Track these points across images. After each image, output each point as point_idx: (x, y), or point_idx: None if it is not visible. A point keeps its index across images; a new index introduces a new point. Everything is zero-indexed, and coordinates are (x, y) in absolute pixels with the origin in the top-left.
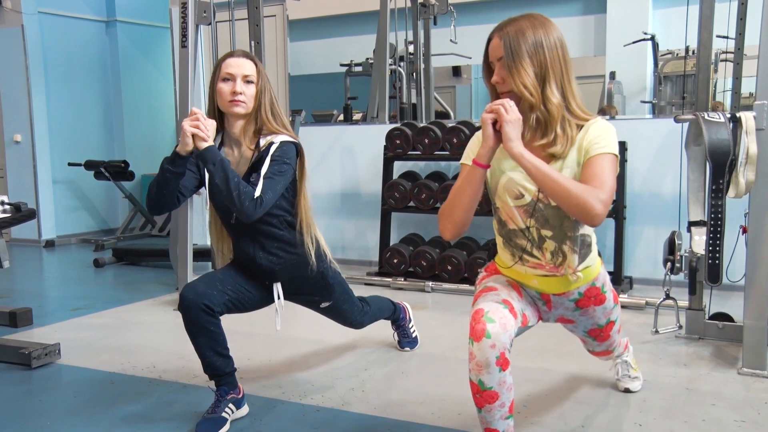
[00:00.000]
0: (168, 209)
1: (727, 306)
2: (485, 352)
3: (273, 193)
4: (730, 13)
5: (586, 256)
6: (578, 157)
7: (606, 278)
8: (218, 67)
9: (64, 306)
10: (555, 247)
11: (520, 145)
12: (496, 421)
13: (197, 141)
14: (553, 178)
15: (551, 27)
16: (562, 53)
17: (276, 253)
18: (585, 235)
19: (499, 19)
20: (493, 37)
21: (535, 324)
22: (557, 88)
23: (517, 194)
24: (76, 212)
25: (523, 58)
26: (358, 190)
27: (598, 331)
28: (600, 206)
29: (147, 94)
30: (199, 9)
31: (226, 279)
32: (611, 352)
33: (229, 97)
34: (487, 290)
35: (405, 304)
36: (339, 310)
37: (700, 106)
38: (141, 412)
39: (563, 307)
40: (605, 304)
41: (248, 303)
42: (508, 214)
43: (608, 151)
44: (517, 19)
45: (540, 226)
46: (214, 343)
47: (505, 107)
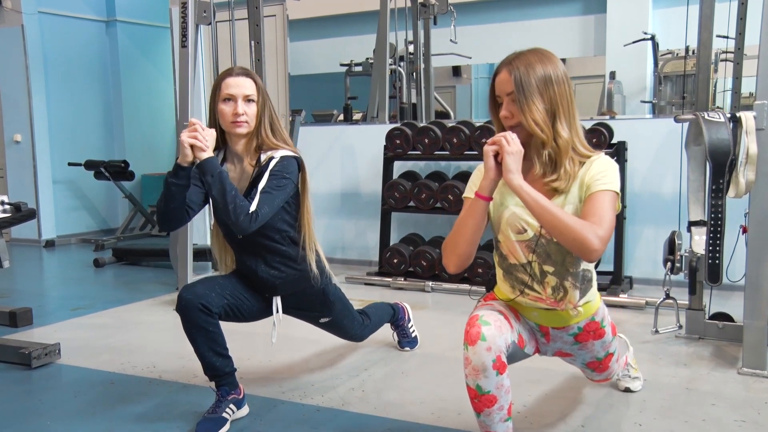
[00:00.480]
0: (178, 225)
1: (727, 306)
2: (481, 356)
3: (270, 207)
4: (730, 13)
5: (587, 291)
6: (580, 193)
7: (605, 312)
8: (218, 87)
9: (64, 306)
10: (557, 283)
11: (519, 178)
12: (495, 424)
13: (196, 151)
14: (551, 212)
15: (557, 61)
16: (568, 88)
17: (278, 267)
18: (586, 270)
19: (499, 20)
20: (501, 71)
21: (531, 353)
22: (566, 123)
23: (519, 229)
24: (76, 212)
25: (534, 93)
26: (358, 189)
27: (596, 363)
28: (597, 242)
29: (147, 94)
30: (199, 9)
31: (226, 284)
32: (610, 378)
33: (231, 119)
34: (483, 305)
35: (404, 304)
36: (339, 325)
37: (700, 106)
38: (141, 412)
39: (562, 341)
40: (604, 338)
41: (246, 312)
42: (509, 249)
43: (609, 188)
44: (525, 54)
45: (542, 261)
46: (213, 343)
47: (507, 139)
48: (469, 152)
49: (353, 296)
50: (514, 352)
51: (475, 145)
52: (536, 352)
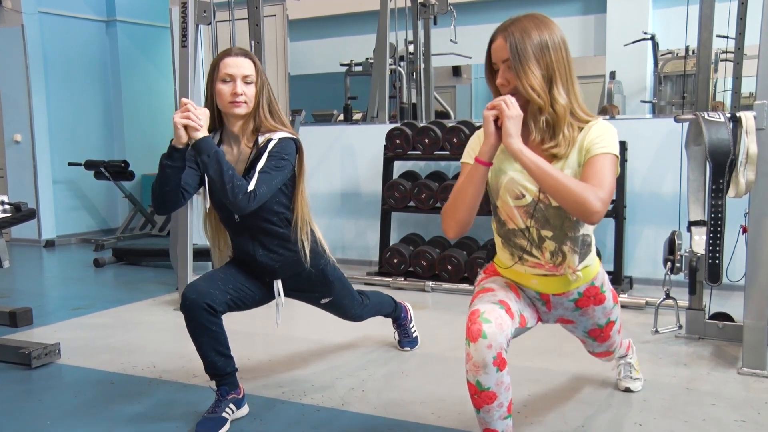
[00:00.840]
0: (173, 207)
1: (727, 306)
2: (482, 353)
3: (268, 187)
4: (730, 13)
5: (586, 256)
6: (579, 158)
7: (605, 278)
8: (216, 67)
9: (64, 306)
10: (555, 247)
11: (519, 141)
12: (494, 421)
13: (190, 131)
14: (552, 175)
15: (554, 27)
16: (566, 54)
17: (276, 250)
18: (585, 235)
19: (500, 19)
20: (497, 38)
21: (534, 325)
22: (564, 89)
23: (518, 194)
24: (76, 212)
25: (530, 59)
26: (358, 189)
27: (598, 331)
28: (598, 203)
29: (147, 94)
30: (199, 9)
31: (227, 278)
32: (612, 353)
33: (229, 98)
34: (484, 291)
35: (406, 304)
36: (339, 305)
37: (700, 105)
38: (141, 412)
39: (563, 307)
40: (605, 303)
41: (250, 301)
42: (508, 214)
43: (608, 151)
44: (520, 19)
45: (540, 226)
46: (216, 342)
47: (506, 102)
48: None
49: None
50: (515, 333)
51: None
52: (538, 321)
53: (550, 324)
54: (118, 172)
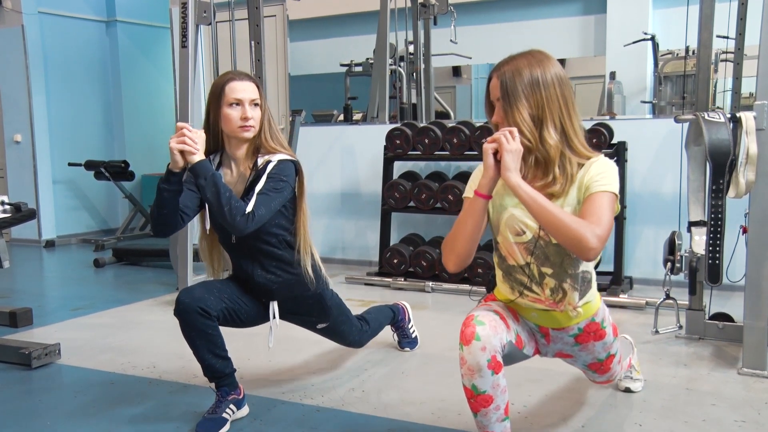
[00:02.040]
0: (173, 230)
1: (727, 306)
2: (476, 356)
3: (267, 209)
4: (730, 13)
5: (586, 292)
6: (579, 195)
7: (606, 313)
8: (222, 91)
9: (64, 306)
10: (555, 285)
11: (517, 176)
12: (492, 424)
13: (186, 156)
14: (549, 210)
15: (549, 63)
16: (561, 90)
17: (274, 272)
18: (585, 272)
19: (500, 19)
20: (492, 77)
21: (530, 355)
22: (555, 127)
23: (518, 231)
24: (76, 212)
25: (519, 99)
26: (358, 190)
27: (598, 364)
28: (595, 240)
29: (147, 94)
30: (199, 9)
31: (224, 288)
32: (613, 380)
33: (239, 123)
34: (481, 305)
35: (404, 303)
36: (337, 331)
37: (700, 106)
38: (141, 412)
39: (562, 342)
40: (605, 339)
41: (244, 316)
42: (508, 250)
43: (608, 189)
44: (515, 58)
45: (540, 263)
46: (213, 345)
47: (506, 137)
48: (469, 152)
49: (353, 296)
50: (511, 352)
51: (475, 146)
52: (536, 353)
53: (548, 357)
54: (118, 173)
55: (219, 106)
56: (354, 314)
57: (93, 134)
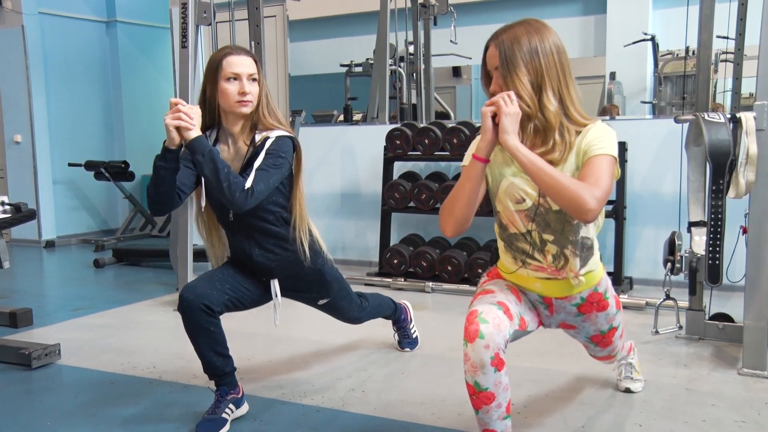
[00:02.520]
0: (169, 208)
1: (728, 306)
2: (479, 353)
3: (265, 185)
4: (730, 14)
5: (588, 260)
6: (577, 161)
7: (608, 284)
8: (219, 65)
9: (64, 306)
10: (557, 251)
11: (515, 138)
12: (493, 421)
13: (183, 131)
14: (547, 172)
15: (547, 32)
16: (559, 58)
17: (272, 249)
18: (585, 237)
19: (500, 20)
20: (489, 46)
21: (534, 329)
22: (554, 94)
23: (518, 198)
24: (76, 212)
25: (518, 66)
26: (358, 190)
27: (600, 337)
28: (593, 202)
29: (147, 95)
30: (199, 9)
31: (225, 278)
32: (614, 356)
33: (237, 98)
34: (483, 293)
35: (406, 303)
36: (337, 306)
37: (700, 106)
38: (141, 412)
39: (565, 311)
40: (608, 310)
41: (247, 301)
42: (509, 219)
43: (606, 152)
44: (512, 26)
45: (541, 230)
46: (214, 343)
47: (505, 100)
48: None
49: None
50: (515, 334)
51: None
52: (539, 325)
53: (552, 329)
54: (118, 173)
55: (216, 81)
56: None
57: (93, 134)
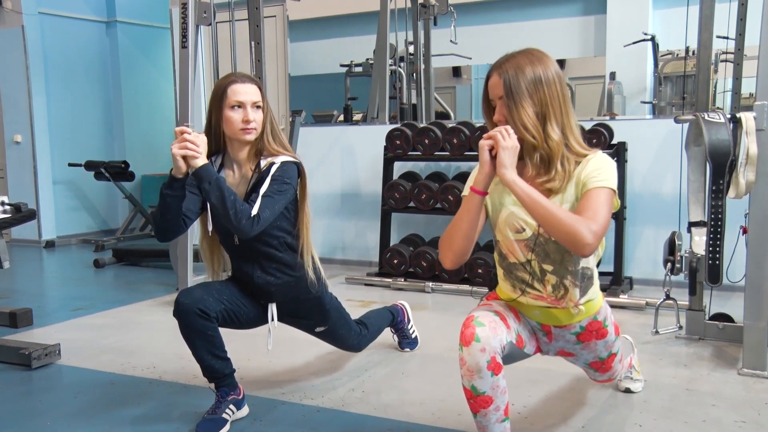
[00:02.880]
0: (175, 234)
1: (728, 306)
2: (475, 357)
3: (271, 211)
4: (730, 14)
5: (588, 289)
6: (576, 192)
7: (608, 312)
8: (224, 93)
9: (64, 306)
10: (556, 281)
11: (513, 173)
12: (492, 425)
13: (189, 160)
14: (544, 206)
15: (549, 62)
16: (560, 88)
17: (273, 273)
18: (585, 268)
19: (500, 20)
20: (492, 75)
21: (532, 353)
22: (557, 124)
23: (517, 228)
24: (76, 213)
25: (524, 96)
26: (358, 190)
27: (599, 363)
28: (590, 236)
29: (147, 95)
30: (199, 9)
31: (223, 289)
32: (614, 379)
33: (241, 126)
34: (482, 304)
35: (403, 303)
36: (335, 335)
37: (700, 106)
38: (141, 412)
39: (564, 339)
40: (607, 338)
41: (243, 318)
42: (508, 248)
43: (605, 185)
44: (515, 56)
45: (541, 260)
46: (212, 346)
47: (502, 134)
48: (469, 153)
49: (353, 297)
50: (512, 352)
51: (475, 146)
52: (537, 351)
53: (550, 356)
54: (119, 173)
55: (221, 109)
56: (353, 318)
57: (93, 134)
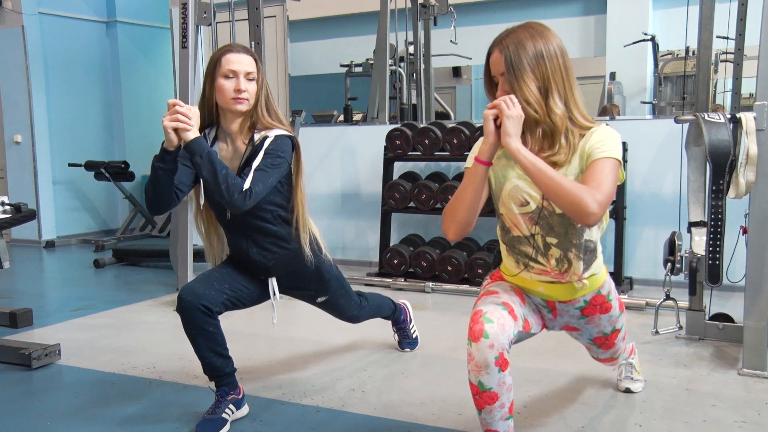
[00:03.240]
0: (167, 207)
1: (728, 306)
2: (484, 353)
3: (264, 185)
4: (730, 14)
5: (591, 263)
6: (581, 164)
7: (612, 286)
8: (217, 62)
9: (64, 306)
10: (560, 255)
11: (517, 141)
12: (496, 422)
13: (181, 133)
14: (548, 175)
15: (550, 35)
16: (563, 61)
17: (269, 248)
18: (589, 240)
19: (500, 20)
20: (493, 51)
21: (538, 332)
22: (560, 98)
23: (522, 201)
24: (76, 213)
25: (525, 71)
26: (358, 190)
27: (603, 339)
28: (595, 205)
29: (147, 95)
30: (199, 10)
31: (223, 277)
32: (616, 359)
33: (232, 95)
34: (487, 294)
35: (406, 303)
36: (335, 305)
37: (700, 106)
38: (141, 412)
39: (568, 314)
40: (611, 312)
41: (246, 299)
42: (512, 221)
43: (609, 155)
44: (515, 30)
45: (545, 233)
46: (214, 343)
47: (506, 103)
48: (469, 153)
49: None
50: (519, 336)
51: None
52: (543, 328)
53: (555, 331)
54: (119, 173)
55: (214, 78)
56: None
57: (93, 135)
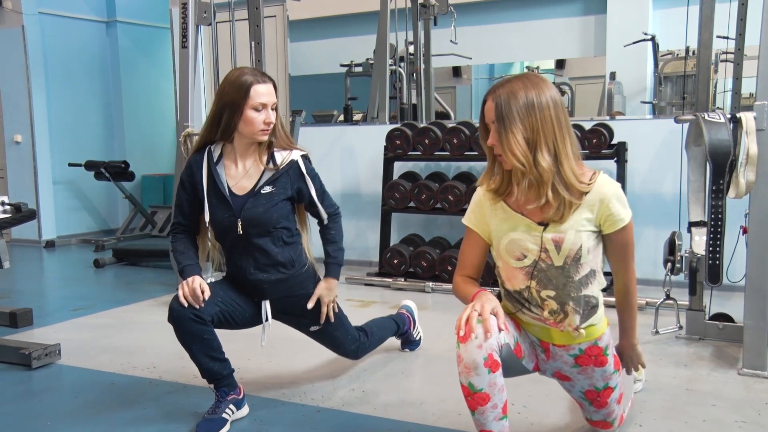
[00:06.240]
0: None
1: (728, 306)
2: (472, 354)
3: (330, 201)
4: (731, 14)
5: (590, 317)
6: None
7: (610, 341)
8: (246, 94)
9: (64, 306)
10: (557, 307)
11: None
12: (490, 422)
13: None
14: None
15: (545, 86)
16: (555, 113)
17: (267, 270)
18: (589, 296)
19: (500, 20)
20: (487, 99)
21: (530, 369)
22: (548, 151)
23: (518, 256)
24: (76, 212)
25: (514, 122)
26: (358, 190)
27: (595, 394)
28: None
29: (147, 95)
30: (199, 9)
31: (217, 291)
32: (610, 424)
33: (262, 127)
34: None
35: (410, 308)
36: (330, 337)
37: (700, 106)
38: (141, 412)
39: (561, 360)
40: (605, 367)
41: (239, 318)
42: (507, 275)
43: (627, 222)
44: (510, 80)
45: (541, 287)
46: (209, 349)
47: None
48: (469, 153)
49: (353, 297)
50: (509, 358)
51: (475, 146)
52: (536, 368)
53: (546, 377)
54: (119, 173)
55: (242, 108)
56: (355, 325)
57: (93, 134)
